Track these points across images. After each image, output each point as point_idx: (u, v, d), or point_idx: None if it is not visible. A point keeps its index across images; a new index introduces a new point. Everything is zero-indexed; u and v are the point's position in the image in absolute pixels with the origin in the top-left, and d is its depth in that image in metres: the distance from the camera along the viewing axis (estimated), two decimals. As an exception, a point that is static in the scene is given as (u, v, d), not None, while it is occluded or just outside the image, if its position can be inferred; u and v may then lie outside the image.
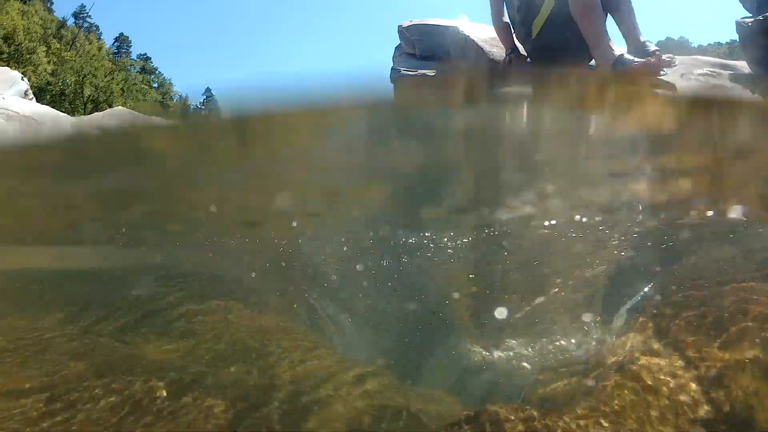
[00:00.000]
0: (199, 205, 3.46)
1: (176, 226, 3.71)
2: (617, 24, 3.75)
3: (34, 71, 26.61)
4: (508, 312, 3.05)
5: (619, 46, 3.65)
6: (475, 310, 3.33)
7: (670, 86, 3.22)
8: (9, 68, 13.00)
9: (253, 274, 3.61)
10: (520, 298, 3.24)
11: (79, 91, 29.99)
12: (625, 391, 1.87)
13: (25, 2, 31.64)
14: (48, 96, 26.62)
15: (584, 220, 3.11)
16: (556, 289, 3.32)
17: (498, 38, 4.92)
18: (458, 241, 3.46)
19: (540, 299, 3.21)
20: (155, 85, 45.95)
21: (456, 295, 3.33)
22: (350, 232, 3.54)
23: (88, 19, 41.07)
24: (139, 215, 3.60)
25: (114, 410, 1.89)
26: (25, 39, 27.78)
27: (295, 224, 3.38)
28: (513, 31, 4.47)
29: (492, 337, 3.04)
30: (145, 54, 47.45)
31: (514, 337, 3.00)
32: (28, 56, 27.59)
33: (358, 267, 3.58)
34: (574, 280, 3.36)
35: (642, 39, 3.58)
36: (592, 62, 3.72)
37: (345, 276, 3.77)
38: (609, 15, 3.75)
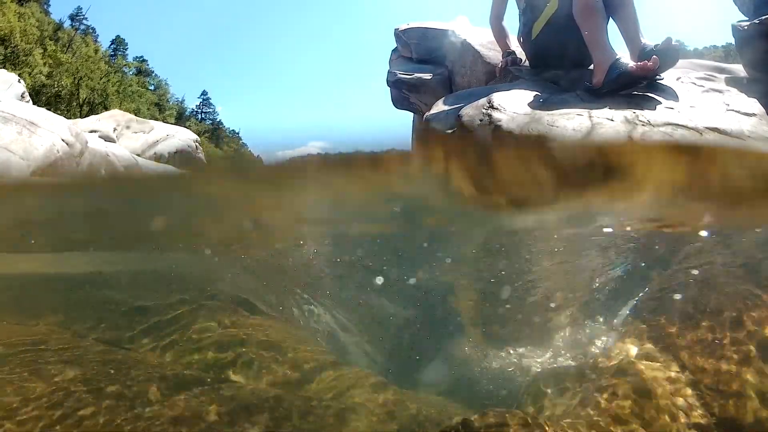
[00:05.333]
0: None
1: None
2: (619, 28, 3.74)
3: (30, 73, 26.53)
4: (507, 317, 3.05)
5: (620, 52, 3.63)
6: (474, 315, 3.34)
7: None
8: (5, 70, 12.95)
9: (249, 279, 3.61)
10: (518, 304, 3.25)
11: (75, 93, 29.90)
12: (622, 395, 1.87)
13: (21, 4, 31.57)
14: (44, 98, 26.53)
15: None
16: (554, 295, 3.32)
17: (495, 41, 4.93)
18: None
19: (538, 304, 3.22)
20: (152, 87, 45.88)
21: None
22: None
23: (84, 22, 41.02)
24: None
25: (110, 415, 1.88)
26: (21, 41, 27.70)
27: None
28: (518, 34, 4.47)
29: (490, 342, 3.04)
30: (141, 56, 47.41)
31: (511, 342, 3.00)
32: (24, 58, 27.51)
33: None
34: (572, 286, 3.37)
35: (643, 43, 3.57)
36: (591, 66, 3.73)
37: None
38: (612, 19, 3.75)
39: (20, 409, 1.87)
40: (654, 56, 3.26)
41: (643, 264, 3.11)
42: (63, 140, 7.39)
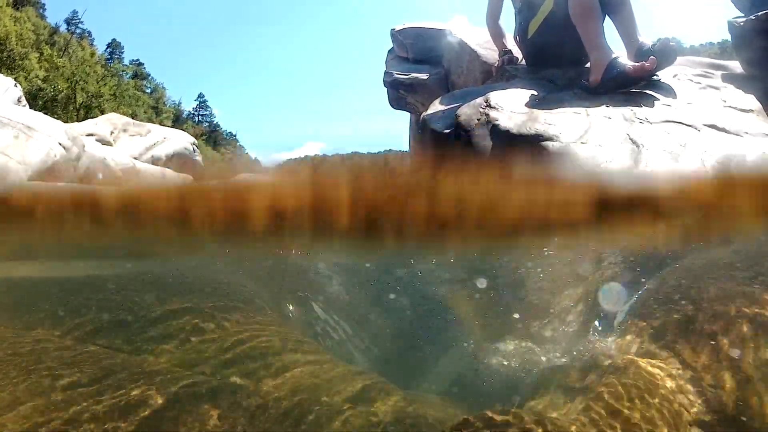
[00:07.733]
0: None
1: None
2: (616, 27, 3.73)
3: (26, 78, 26.48)
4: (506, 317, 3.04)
5: (617, 50, 3.63)
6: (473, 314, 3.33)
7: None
8: (1, 75, 12.90)
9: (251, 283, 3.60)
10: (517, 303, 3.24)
11: (71, 97, 29.86)
12: (622, 394, 1.87)
13: (17, 8, 31.56)
14: (41, 102, 26.48)
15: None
16: (553, 294, 3.32)
17: (491, 41, 4.93)
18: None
19: (537, 303, 3.21)
20: (148, 90, 45.88)
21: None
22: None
23: (80, 26, 41.08)
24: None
25: (109, 418, 1.87)
26: (17, 45, 27.68)
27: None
28: (514, 33, 4.46)
29: (490, 342, 3.04)
30: (138, 59, 47.43)
31: (511, 342, 3.00)
32: (20, 62, 27.48)
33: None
34: (570, 284, 3.36)
35: (640, 41, 3.57)
36: (587, 65, 3.72)
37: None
38: (608, 17, 3.74)
39: (19, 412, 1.86)
40: (651, 57, 3.26)
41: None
42: (60, 144, 7.37)
